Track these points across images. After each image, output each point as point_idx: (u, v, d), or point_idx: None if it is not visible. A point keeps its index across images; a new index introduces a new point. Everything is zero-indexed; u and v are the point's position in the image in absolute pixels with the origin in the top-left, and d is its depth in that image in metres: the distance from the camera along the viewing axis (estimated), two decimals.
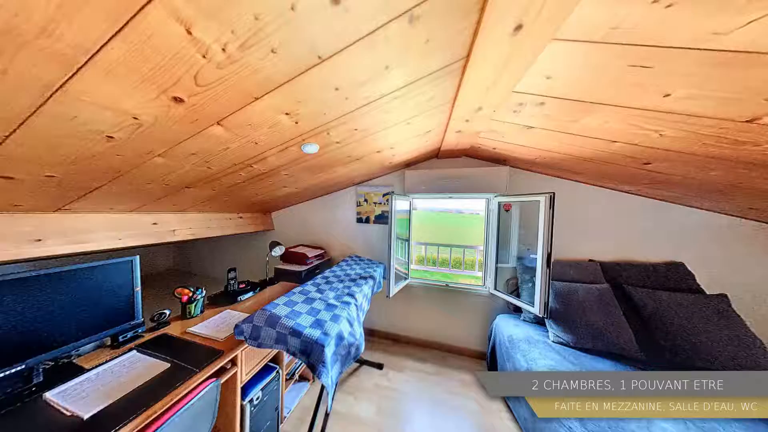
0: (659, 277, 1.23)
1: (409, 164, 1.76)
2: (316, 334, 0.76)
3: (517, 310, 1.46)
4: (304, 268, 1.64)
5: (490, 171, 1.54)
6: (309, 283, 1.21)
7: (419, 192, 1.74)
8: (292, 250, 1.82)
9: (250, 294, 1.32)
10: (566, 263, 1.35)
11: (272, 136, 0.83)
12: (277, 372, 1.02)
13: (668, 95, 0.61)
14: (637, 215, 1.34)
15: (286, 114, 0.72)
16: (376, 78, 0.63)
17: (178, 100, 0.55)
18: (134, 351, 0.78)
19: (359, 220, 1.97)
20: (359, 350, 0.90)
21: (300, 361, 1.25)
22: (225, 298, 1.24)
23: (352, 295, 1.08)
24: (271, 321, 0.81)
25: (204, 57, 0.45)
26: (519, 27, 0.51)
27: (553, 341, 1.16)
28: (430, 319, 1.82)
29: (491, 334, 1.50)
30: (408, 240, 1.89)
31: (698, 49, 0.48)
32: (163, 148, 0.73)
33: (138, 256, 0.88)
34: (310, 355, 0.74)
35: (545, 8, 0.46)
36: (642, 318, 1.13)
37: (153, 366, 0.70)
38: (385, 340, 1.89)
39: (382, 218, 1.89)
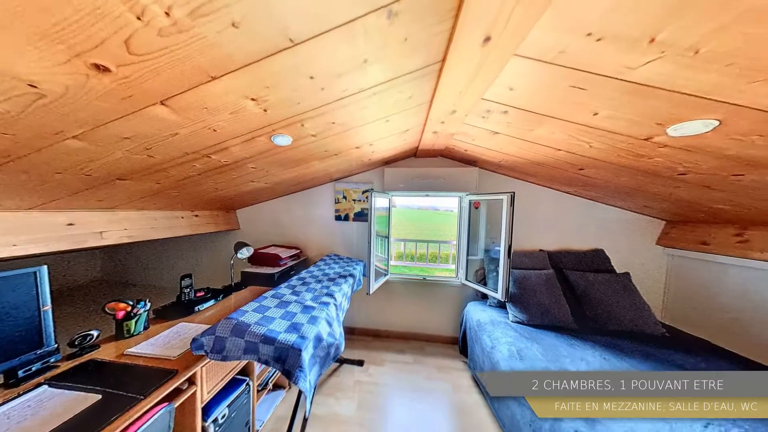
0: (587, 262, 1.53)
1: (388, 162, 1.77)
2: (291, 338, 0.72)
3: (484, 297, 1.64)
4: (277, 270, 1.51)
5: (462, 171, 1.66)
6: (283, 285, 1.13)
7: (398, 189, 1.77)
8: (262, 251, 1.66)
9: (211, 303, 1.17)
10: (522, 253, 1.56)
11: (235, 123, 0.73)
12: (247, 384, 0.94)
13: (596, 114, 0.76)
14: (573, 212, 1.63)
15: (252, 100, 0.64)
16: (354, 71, 0.61)
17: (101, 68, 0.44)
18: (44, 386, 0.61)
19: (338, 218, 1.91)
20: (339, 350, 0.89)
21: (274, 369, 1.18)
22: (177, 309, 1.07)
23: (331, 295, 1.05)
24: (239, 330, 0.74)
25: (139, 19, 0.37)
26: (488, 39, 0.55)
27: (512, 321, 1.34)
28: (408, 312, 1.90)
29: (462, 320, 1.65)
30: (388, 237, 1.92)
31: (617, 78, 0.60)
32: (79, 128, 0.58)
33: (46, 267, 0.68)
34: (286, 361, 0.70)
35: (509, 24, 0.51)
36: (575, 295, 1.40)
37: (75, 401, 0.57)
38: (365, 337, 1.91)
39: (362, 215, 1.87)
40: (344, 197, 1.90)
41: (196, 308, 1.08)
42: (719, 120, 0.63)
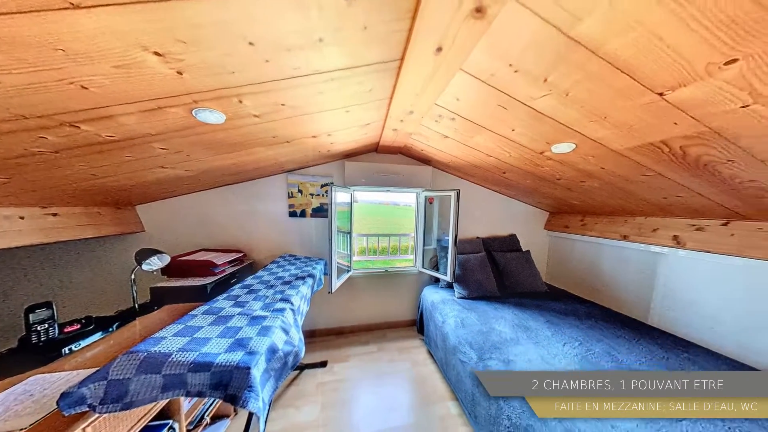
0: (506, 244, 2.01)
1: (349, 155, 1.71)
2: (235, 357, 0.61)
3: (437, 281, 1.88)
4: (209, 280, 1.20)
5: (419, 169, 1.81)
6: (221, 297, 0.93)
7: (360, 184, 1.75)
8: (184, 258, 1.29)
9: (96, 337, 0.83)
10: (464, 241, 1.88)
11: (127, 83, 0.52)
12: (171, 428, 0.73)
13: (513, 130, 0.98)
14: (498, 206, 2.08)
15: (157, 54, 0.47)
16: (307, 48, 0.55)
17: None
18: None
19: (293, 214, 1.71)
20: (298, 357, 0.82)
21: (213, 399, 0.97)
22: (24, 358, 0.70)
23: (287, 300, 0.94)
24: (152, 364, 0.56)
25: None
26: (440, 49, 0.61)
27: (457, 298, 1.61)
28: (372, 305, 1.95)
29: (420, 303, 1.84)
30: (350, 232, 1.88)
31: (525, 104, 0.79)
32: None
33: None
34: (229, 385, 0.59)
35: (457, 40, 0.58)
36: (498, 270, 1.82)
37: None
38: (328, 337, 1.84)
39: (321, 211, 1.74)
40: (300, 191, 1.71)
41: (66, 350, 0.74)
42: (576, 144, 0.94)
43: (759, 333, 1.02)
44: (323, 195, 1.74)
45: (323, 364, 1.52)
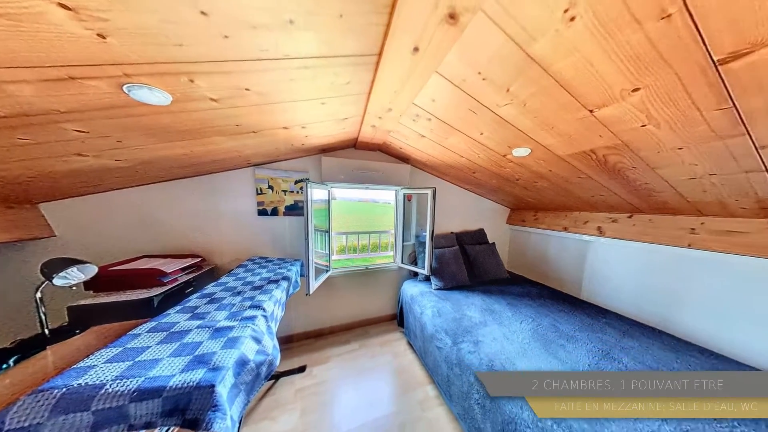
0: (475, 237, 2.21)
1: (325, 150, 1.63)
2: (195, 376, 0.54)
3: (416, 275, 1.97)
4: (156, 291, 1.00)
5: (397, 167, 1.83)
6: (174, 310, 0.80)
7: (338, 181, 1.69)
8: (120, 268, 1.05)
9: None
10: (440, 236, 2.00)
11: (19, 39, 0.40)
12: None
13: (482, 134, 1.07)
14: (469, 203, 2.27)
15: (64, 7, 0.37)
16: (276, 29, 0.50)
17: None
18: None
19: (262, 212, 1.56)
20: (273, 366, 0.77)
21: (166, 427, 0.84)
22: None
23: (258, 307, 0.86)
24: (75, 401, 0.45)
25: None
26: (417, 49, 0.62)
27: (434, 289, 1.71)
28: (352, 303, 1.93)
29: (399, 297, 1.90)
30: (328, 231, 1.81)
31: (491, 110, 0.87)
32: None
33: None
34: (188, 408, 0.51)
35: (432, 42, 0.60)
36: (469, 261, 1.99)
37: None
38: (306, 340, 1.76)
39: (296, 209, 1.63)
40: (270, 187, 1.57)
41: None
42: (531, 149, 1.08)
43: (650, 297, 1.36)
44: (298, 192, 1.62)
45: (302, 369, 1.45)
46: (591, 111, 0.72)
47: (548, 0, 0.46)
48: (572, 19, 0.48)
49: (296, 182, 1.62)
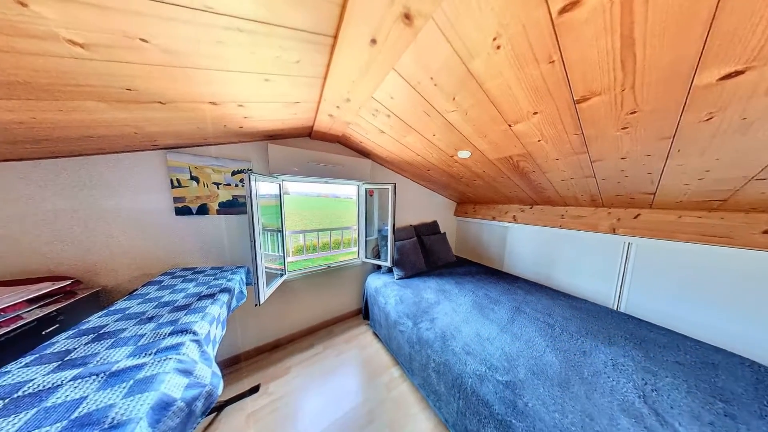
0: (430, 228, 2.49)
1: (273, 136, 1.41)
2: None
3: (379, 268, 2.04)
4: None
5: (358, 161, 1.80)
6: (19, 364, 0.52)
7: (291, 174, 1.50)
8: None
9: None
10: (400, 229, 2.14)
11: None
12: None
13: (434, 135, 1.18)
14: (424, 198, 2.50)
15: None
16: None
17: None
18: None
19: (184, 211, 1.21)
20: (213, 396, 0.64)
21: None
22: None
23: (185, 331, 0.68)
24: None
25: None
26: (374, 41, 0.61)
27: (396, 279, 1.83)
28: (314, 305, 1.82)
29: (364, 291, 1.93)
30: (281, 230, 1.60)
31: (442, 115, 0.97)
32: None
33: None
34: None
35: (390, 36, 0.60)
36: (426, 250, 2.23)
37: None
38: (259, 356, 1.54)
39: (235, 206, 1.35)
40: (194, 179, 1.23)
41: None
42: (471, 152, 1.29)
43: (540, 264, 1.94)
44: (238, 185, 1.34)
45: (254, 389, 1.27)
46: (509, 125, 0.92)
47: (482, 26, 0.55)
48: (498, 47, 0.59)
49: (234, 173, 1.33)
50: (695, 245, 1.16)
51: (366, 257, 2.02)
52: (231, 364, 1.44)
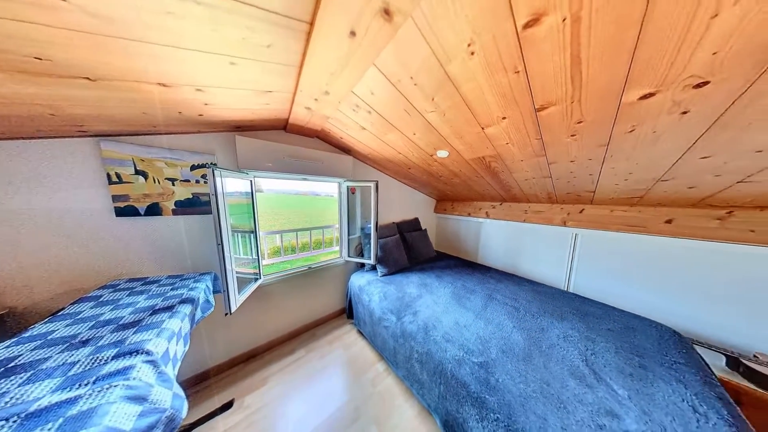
0: (412, 225, 2.56)
1: (242, 127, 1.27)
2: None
3: (363, 266, 2.03)
4: None
5: (339, 158, 1.74)
6: None
7: (265, 169, 1.38)
8: None
9: None
10: (383, 226, 2.15)
11: None
12: None
13: (415, 134, 1.21)
14: (406, 195, 2.56)
15: None
16: None
17: None
18: None
19: (127, 212, 1.03)
20: (176, 421, 0.56)
21: None
22: None
23: (134, 352, 0.58)
24: None
25: None
26: (354, 33, 0.59)
27: (380, 276, 1.84)
28: (294, 309, 1.73)
29: (348, 290, 1.91)
30: (254, 231, 1.47)
31: (422, 115, 1.00)
32: None
33: None
34: None
35: (370, 30, 0.59)
36: (408, 246, 2.30)
37: None
38: (232, 369, 1.42)
39: (196, 205, 1.20)
40: (141, 173, 1.05)
41: None
42: (449, 152, 1.35)
43: (508, 255, 2.17)
44: (201, 181, 1.19)
45: (227, 406, 1.16)
46: (482, 128, 0.99)
47: (458, 31, 0.58)
48: (473, 53, 0.63)
49: (194, 168, 1.17)
50: (622, 234, 1.43)
51: (349, 256, 1.99)
52: (199, 382, 1.29)
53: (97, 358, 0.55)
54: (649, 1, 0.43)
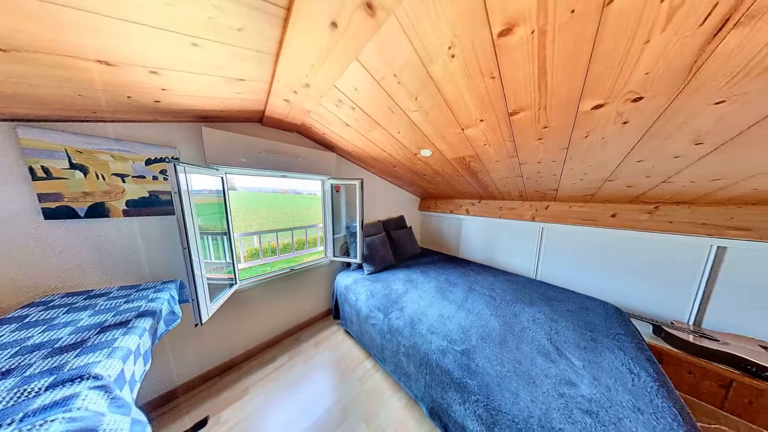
0: (397, 223, 2.60)
1: (208, 118, 1.14)
2: None
3: (349, 265, 2.00)
4: None
5: (322, 154, 1.68)
6: None
7: (238, 165, 1.27)
8: None
9: None
10: (369, 225, 2.14)
11: None
12: None
13: (399, 132, 1.22)
14: (391, 193, 2.59)
15: None
16: None
17: None
18: None
19: (58, 213, 0.86)
20: None
21: None
22: None
23: (79, 378, 0.49)
24: None
25: None
26: (335, 24, 0.57)
27: (367, 275, 1.84)
28: (275, 314, 1.64)
29: (334, 290, 1.87)
30: (228, 233, 1.35)
31: (405, 113, 1.01)
32: None
33: None
34: None
35: (352, 23, 0.57)
36: (394, 244, 2.33)
37: None
38: (206, 383, 1.30)
39: (153, 204, 1.05)
40: (77, 167, 0.88)
41: None
42: (432, 151, 1.39)
43: (486, 248, 2.33)
44: (159, 178, 1.04)
45: (200, 424, 1.07)
46: (462, 129, 1.04)
47: (440, 33, 0.59)
48: (453, 56, 0.65)
49: (149, 162, 1.02)
50: (578, 227, 1.65)
51: (334, 255, 1.94)
52: (165, 402, 1.15)
53: (25, 390, 0.46)
54: (600, 23, 0.49)
